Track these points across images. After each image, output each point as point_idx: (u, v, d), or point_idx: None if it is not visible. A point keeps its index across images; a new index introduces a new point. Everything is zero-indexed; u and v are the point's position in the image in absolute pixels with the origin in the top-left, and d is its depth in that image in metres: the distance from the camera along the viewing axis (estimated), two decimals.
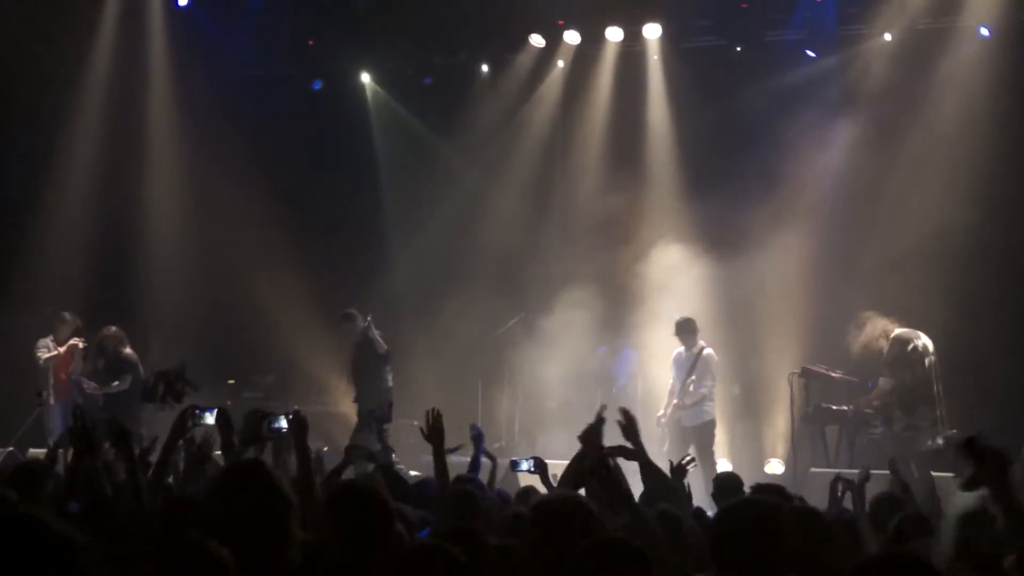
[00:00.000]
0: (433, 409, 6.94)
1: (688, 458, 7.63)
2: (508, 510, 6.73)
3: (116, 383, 14.85)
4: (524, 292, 16.58)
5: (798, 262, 15.37)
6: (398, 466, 12.07)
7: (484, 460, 9.12)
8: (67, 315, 15.47)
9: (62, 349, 15.30)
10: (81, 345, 15.32)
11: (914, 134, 15.52)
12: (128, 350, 15.08)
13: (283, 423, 6.81)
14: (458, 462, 8.55)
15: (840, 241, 15.49)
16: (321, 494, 5.77)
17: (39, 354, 15.23)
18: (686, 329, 14.75)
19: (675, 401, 14.61)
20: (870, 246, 15.26)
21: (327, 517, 5.02)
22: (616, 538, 4.62)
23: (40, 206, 17.18)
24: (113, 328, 15.11)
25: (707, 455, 14.31)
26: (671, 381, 14.91)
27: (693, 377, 14.58)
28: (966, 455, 5.10)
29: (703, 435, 14.54)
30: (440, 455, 6.63)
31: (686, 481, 7.50)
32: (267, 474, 4.76)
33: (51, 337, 15.35)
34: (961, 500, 5.94)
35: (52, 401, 15.04)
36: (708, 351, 14.75)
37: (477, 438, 9.09)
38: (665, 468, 7.31)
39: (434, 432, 6.76)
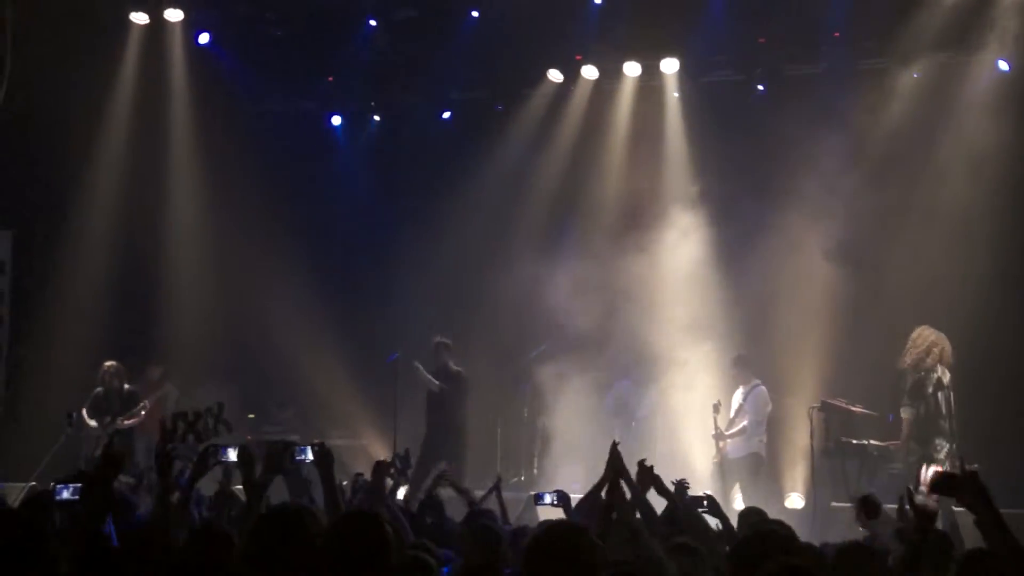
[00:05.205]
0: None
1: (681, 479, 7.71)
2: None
3: None
4: (542, 326, 16.50)
5: (818, 294, 15.35)
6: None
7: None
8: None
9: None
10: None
11: (933, 166, 15.51)
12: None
13: (308, 455, 6.80)
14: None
15: (860, 272, 15.43)
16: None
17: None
18: (740, 364, 15.11)
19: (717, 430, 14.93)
20: (890, 278, 15.22)
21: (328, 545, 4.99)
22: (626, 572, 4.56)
23: (63, 243, 17.30)
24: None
25: (745, 488, 14.47)
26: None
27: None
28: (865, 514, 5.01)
29: (743, 467, 14.74)
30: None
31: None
32: (310, 522, 4.76)
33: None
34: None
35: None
36: (758, 388, 15.04)
37: (563, 498, 8.68)
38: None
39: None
